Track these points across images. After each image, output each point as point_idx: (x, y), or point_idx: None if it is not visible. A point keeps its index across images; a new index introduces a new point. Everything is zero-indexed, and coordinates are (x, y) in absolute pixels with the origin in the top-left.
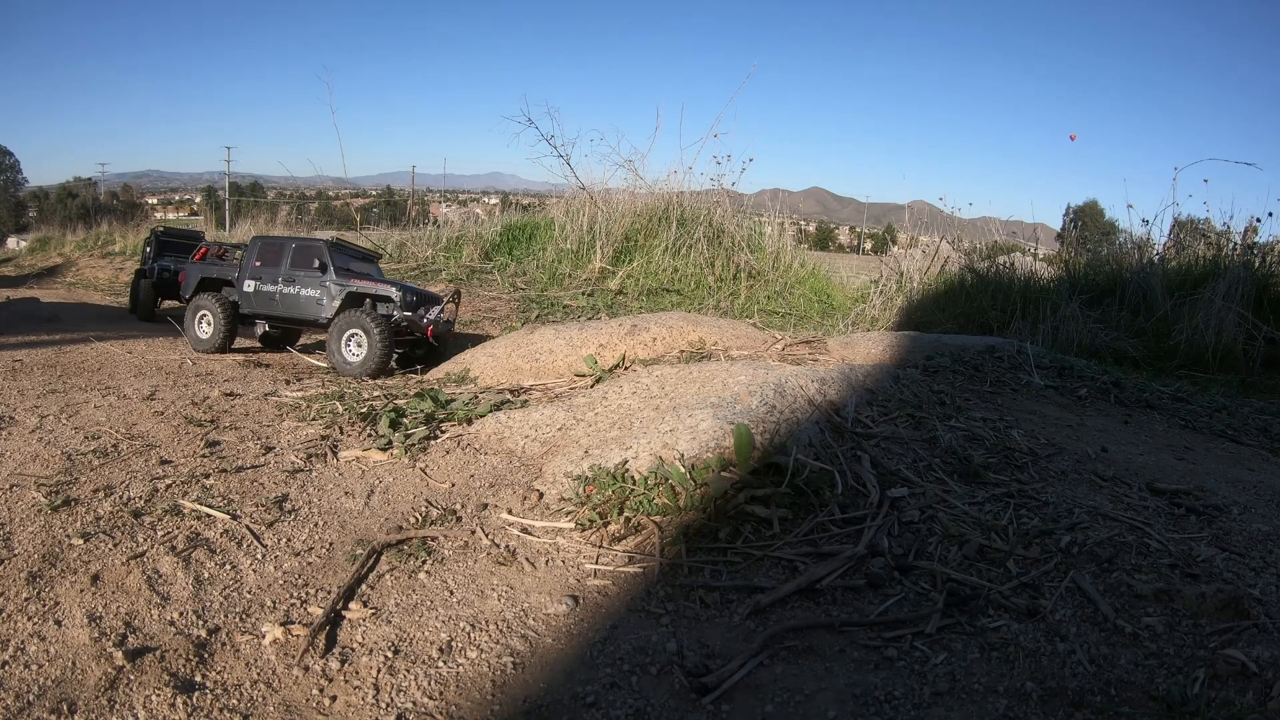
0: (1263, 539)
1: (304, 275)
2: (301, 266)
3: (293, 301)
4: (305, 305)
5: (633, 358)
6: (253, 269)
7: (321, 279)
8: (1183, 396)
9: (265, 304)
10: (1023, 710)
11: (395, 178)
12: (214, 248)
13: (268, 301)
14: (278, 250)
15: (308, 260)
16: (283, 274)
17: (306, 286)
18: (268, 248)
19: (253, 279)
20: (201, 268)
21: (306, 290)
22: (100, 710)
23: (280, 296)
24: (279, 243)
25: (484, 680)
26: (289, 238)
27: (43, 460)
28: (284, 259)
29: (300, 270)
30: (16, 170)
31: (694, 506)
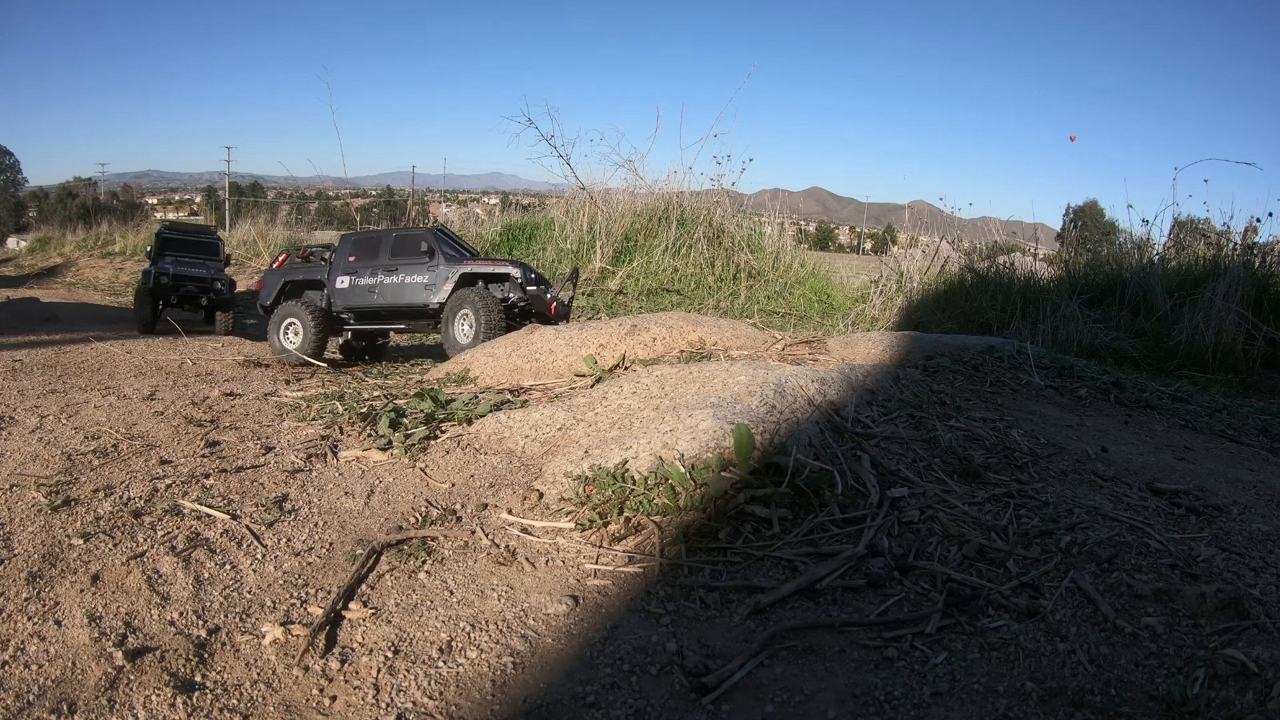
0: (1263, 539)
1: (408, 263)
2: (405, 255)
3: (396, 290)
4: (411, 292)
5: (633, 358)
6: (346, 265)
7: (429, 264)
8: (1183, 396)
9: (362, 298)
10: (1023, 710)
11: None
12: (295, 251)
13: (365, 295)
14: (374, 243)
15: (412, 247)
16: (382, 265)
17: (412, 273)
18: (362, 242)
19: (347, 274)
20: (283, 273)
21: (412, 277)
22: (100, 710)
23: (381, 288)
24: (375, 236)
25: (484, 680)
26: (388, 229)
27: (43, 460)
28: (382, 250)
29: (403, 259)
30: (16, 170)
31: (694, 506)
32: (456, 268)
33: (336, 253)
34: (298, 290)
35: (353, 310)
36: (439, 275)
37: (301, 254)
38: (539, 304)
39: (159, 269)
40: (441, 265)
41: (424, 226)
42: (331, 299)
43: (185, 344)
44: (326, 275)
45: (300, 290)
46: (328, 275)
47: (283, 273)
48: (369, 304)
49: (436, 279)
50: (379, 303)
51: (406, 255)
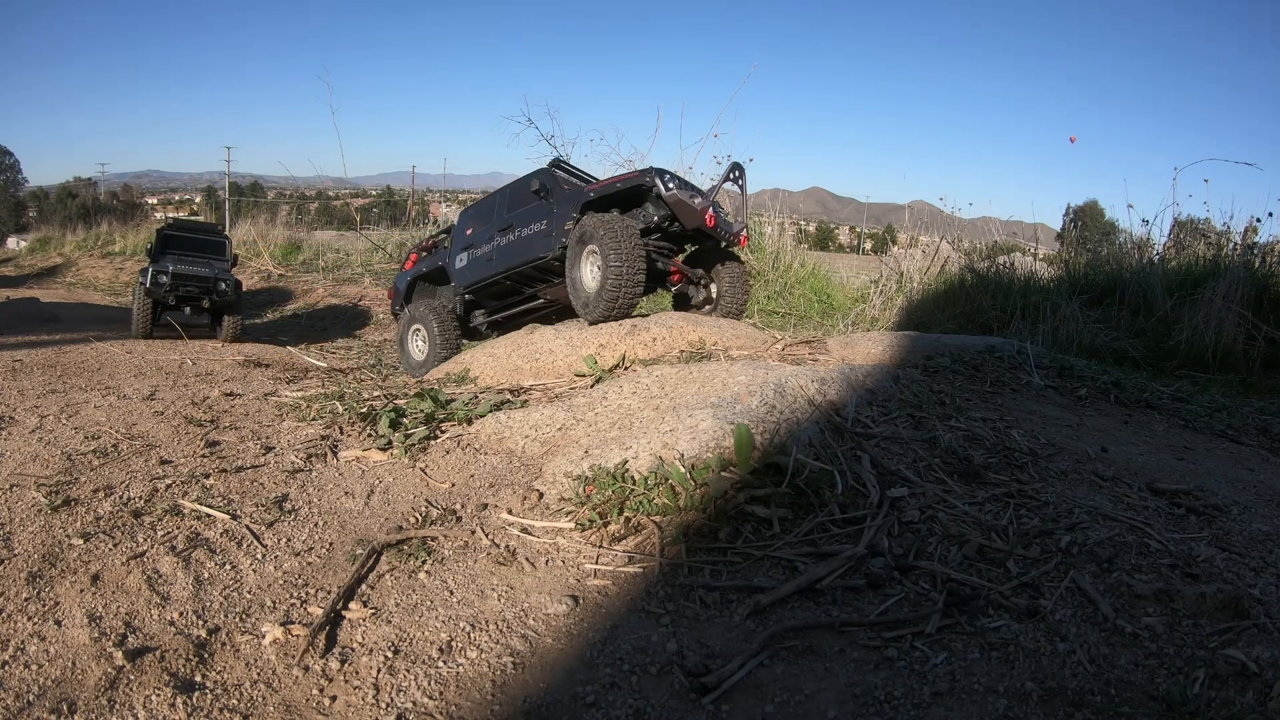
0: (1263, 539)
1: (523, 213)
2: (520, 205)
3: (512, 249)
4: (528, 246)
5: (633, 358)
6: (464, 239)
7: (547, 206)
8: (1183, 396)
9: (481, 269)
10: (1023, 710)
11: (395, 178)
12: (421, 244)
13: (483, 266)
14: (489, 205)
15: (524, 196)
16: (498, 225)
17: (528, 223)
18: (478, 209)
19: (464, 249)
20: (412, 272)
21: (529, 228)
22: (100, 710)
23: (497, 251)
24: (490, 197)
25: (484, 680)
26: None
27: (43, 460)
28: (497, 210)
29: (518, 210)
30: (16, 170)
31: (694, 506)
32: (578, 199)
33: (455, 231)
34: (427, 289)
35: (475, 288)
36: (558, 216)
37: (426, 244)
38: (689, 215)
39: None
40: (561, 204)
41: None
42: (454, 284)
43: (185, 344)
44: (448, 257)
45: (430, 287)
46: (448, 256)
47: (410, 273)
48: (488, 274)
49: (555, 221)
50: (497, 269)
51: (521, 205)
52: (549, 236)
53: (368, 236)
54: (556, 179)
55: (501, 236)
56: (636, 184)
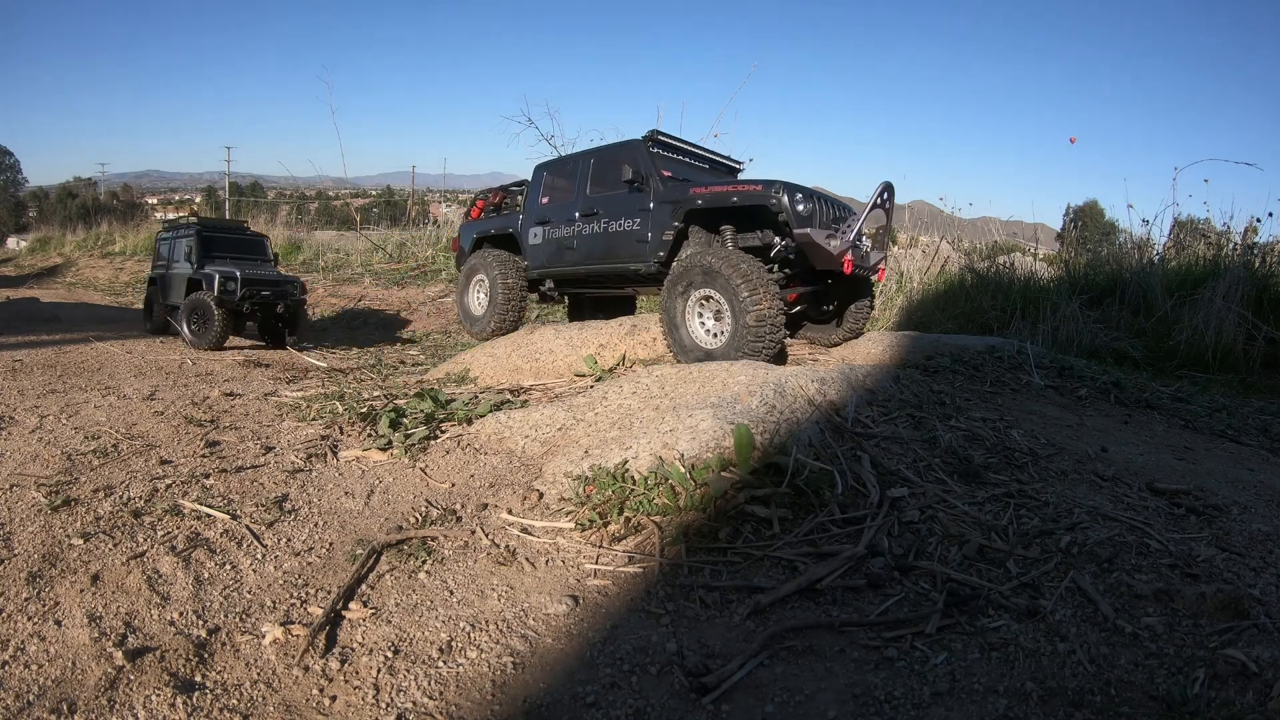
0: (1263, 539)
1: (611, 200)
2: (605, 184)
3: (598, 245)
4: (615, 247)
5: (633, 358)
6: (538, 209)
7: (639, 199)
8: (1183, 396)
9: (557, 256)
10: (1023, 710)
11: (395, 178)
12: (490, 195)
13: (560, 253)
14: (570, 171)
15: (612, 173)
16: (579, 206)
17: (616, 216)
18: (558, 171)
19: (540, 224)
20: (477, 225)
21: (617, 223)
22: (100, 710)
23: (580, 242)
24: (573, 161)
25: (484, 680)
26: (590, 150)
27: (43, 460)
28: (579, 181)
29: (604, 191)
30: (16, 170)
31: (694, 506)
32: (681, 202)
33: (529, 190)
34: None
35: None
36: (655, 218)
37: (494, 196)
38: (823, 259)
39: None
40: (658, 200)
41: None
42: (527, 261)
43: (185, 344)
44: (519, 226)
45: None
46: (519, 226)
47: (476, 225)
48: (566, 267)
49: (652, 224)
50: (577, 263)
51: (609, 187)
52: (643, 244)
53: (368, 237)
54: (653, 163)
55: (585, 223)
56: (758, 204)
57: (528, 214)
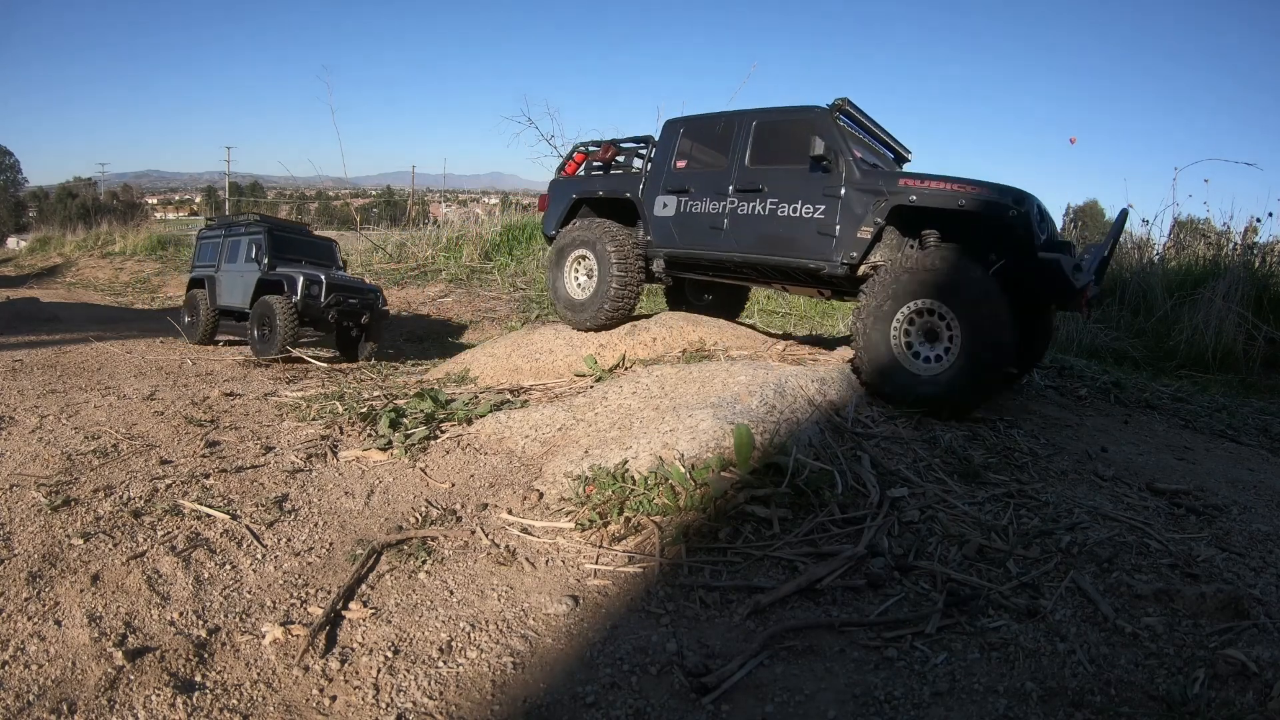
0: (1263, 539)
1: (780, 177)
2: (773, 157)
3: (761, 231)
4: (795, 236)
5: (633, 358)
6: (671, 174)
7: (825, 180)
8: (1183, 396)
9: (699, 239)
10: (1023, 710)
11: (395, 178)
12: (598, 148)
13: (703, 234)
14: (720, 136)
15: (783, 145)
16: (734, 178)
17: (791, 197)
18: (701, 133)
19: (672, 192)
20: (576, 183)
21: (792, 206)
22: (100, 710)
23: (733, 223)
24: (723, 122)
25: (484, 680)
26: (745, 111)
27: (43, 460)
28: (737, 148)
29: (772, 164)
30: (16, 170)
31: (694, 506)
32: (887, 193)
33: (657, 149)
34: (595, 214)
35: (682, 262)
36: (849, 207)
37: (603, 152)
38: (1066, 296)
39: (308, 276)
40: (853, 186)
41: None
42: (648, 235)
43: (184, 344)
44: (639, 191)
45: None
46: (640, 191)
47: (573, 183)
48: (711, 251)
49: (843, 215)
50: (729, 250)
51: (779, 160)
52: (828, 237)
53: (368, 236)
54: (845, 141)
55: (742, 200)
56: (994, 213)
57: (654, 178)
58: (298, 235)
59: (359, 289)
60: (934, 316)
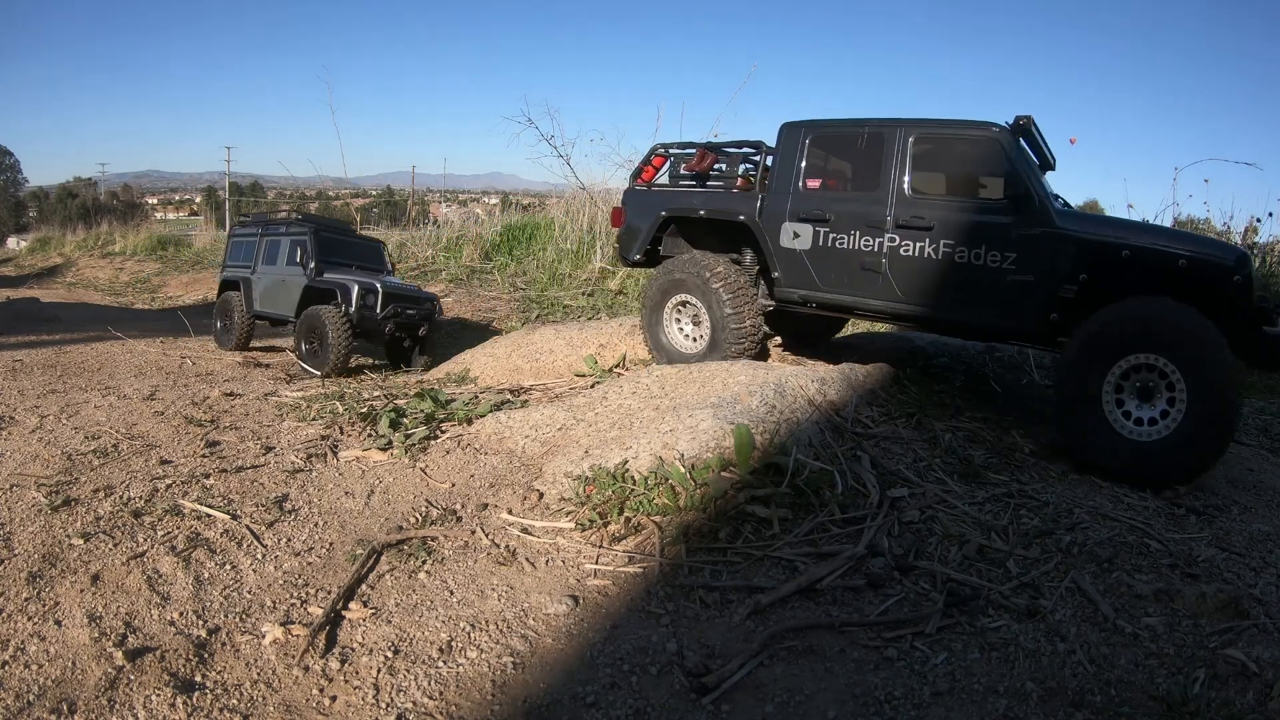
0: (1263, 539)
1: (952, 214)
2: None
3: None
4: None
5: (633, 358)
6: (802, 195)
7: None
8: None
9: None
10: (1023, 710)
11: (395, 178)
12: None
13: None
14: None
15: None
16: (891, 208)
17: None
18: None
19: (805, 220)
20: (664, 197)
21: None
22: (100, 710)
23: (895, 266)
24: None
25: (484, 680)
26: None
27: (43, 460)
28: (886, 171)
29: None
30: (16, 170)
31: (694, 506)
32: (1093, 244)
33: (776, 161)
34: (690, 236)
35: (827, 306)
36: (1042, 257)
37: (699, 159)
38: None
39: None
40: (1050, 232)
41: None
42: (775, 272)
43: (185, 344)
44: (757, 213)
45: (697, 239)
46: (758, 213)
47: (660, 196)
48: (867, 302)
49: (1035, 266)
50: (889, 302)
51: (952, 189)
52: (1023, 294)
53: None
54: (1035, 171)
55: (904, 238)
56: (1217, 277)
57: (776, 198)
58: (343, 236)
59: (416, 298)
60: (1153, 373)
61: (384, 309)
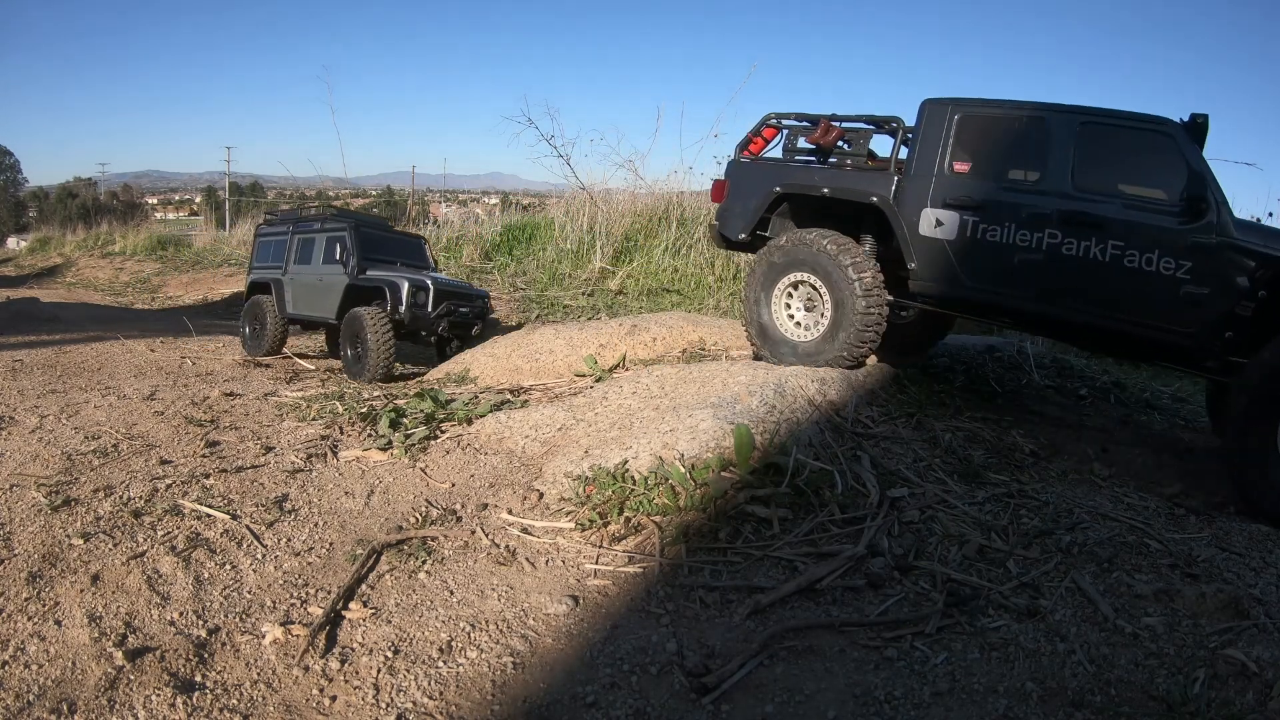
0: (1263, 539)
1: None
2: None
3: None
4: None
5: (633, 358)
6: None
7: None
8: (1183, 396)
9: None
10: (1023, 710)
11: (395, 178)
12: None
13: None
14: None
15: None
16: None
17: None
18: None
19: (955, 207)
20: (777, 171)
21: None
22: (100, 710)
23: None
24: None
25: (484, 680)
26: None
27: (43, 460)
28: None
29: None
30: (16, 170)
31: (694, 506)
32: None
33: (918, 139)
34: (800, 217)
35: (963, 304)
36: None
37: (821, 132)
38: None
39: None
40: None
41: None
42: (911, 262)
43: (185, 344)
44: (891, 194)
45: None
46: (893, 195)
47: (774, 171)
48: (1022, 305)
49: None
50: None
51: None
52: (1191, 305)
53: None
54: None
55: (1068, 235)
56: None
57: (918, 180)
58: (383, 232)
59: (469, 294)
60: None
61: (436, 307)
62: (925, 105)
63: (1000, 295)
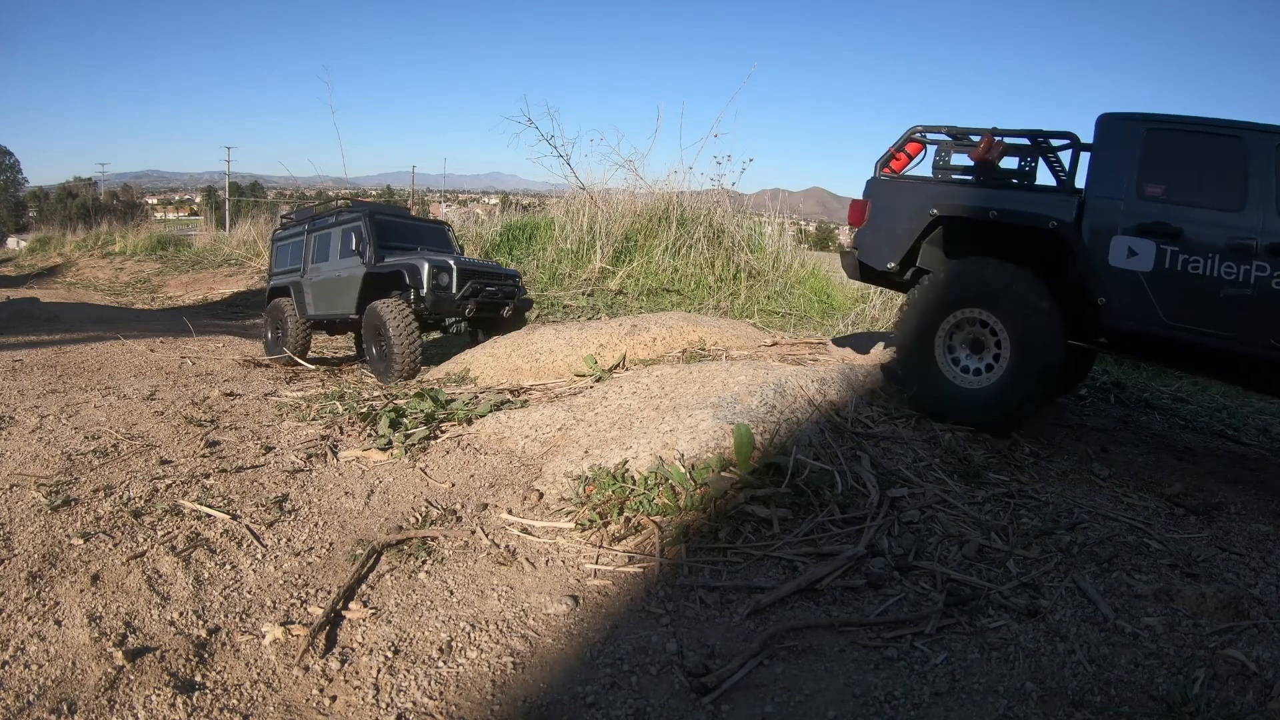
0: (1262, 539)
1: None
2: None
3: None
4: None
5: (633, 358)
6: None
7: None
8: (1183, 397)
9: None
10: (1023, 710)
11: (395, 178)
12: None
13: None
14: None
15: None
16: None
17: None
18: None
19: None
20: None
21: None
22: (100, 710)
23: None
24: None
25: (484, 680)
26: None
27: (43, 460)
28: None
29: None
30: (16, 170)
31: (694, 506)
32: None
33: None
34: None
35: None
36: None
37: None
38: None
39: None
40: None
41: None
42: (1101, 296)
43: (185, 344)
44: (1073, 219)
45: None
46: (1076, 219)
47: (928, 192)
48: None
49: None
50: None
51: None
52: None
53: None
54: None
55: (1274, 266)
56: None
57: (1103, 203)
58: (402, 219)
59: (497, 273)
60: None
61: (461, 287)
62: (1107, 120)
63: (1209, 334)
